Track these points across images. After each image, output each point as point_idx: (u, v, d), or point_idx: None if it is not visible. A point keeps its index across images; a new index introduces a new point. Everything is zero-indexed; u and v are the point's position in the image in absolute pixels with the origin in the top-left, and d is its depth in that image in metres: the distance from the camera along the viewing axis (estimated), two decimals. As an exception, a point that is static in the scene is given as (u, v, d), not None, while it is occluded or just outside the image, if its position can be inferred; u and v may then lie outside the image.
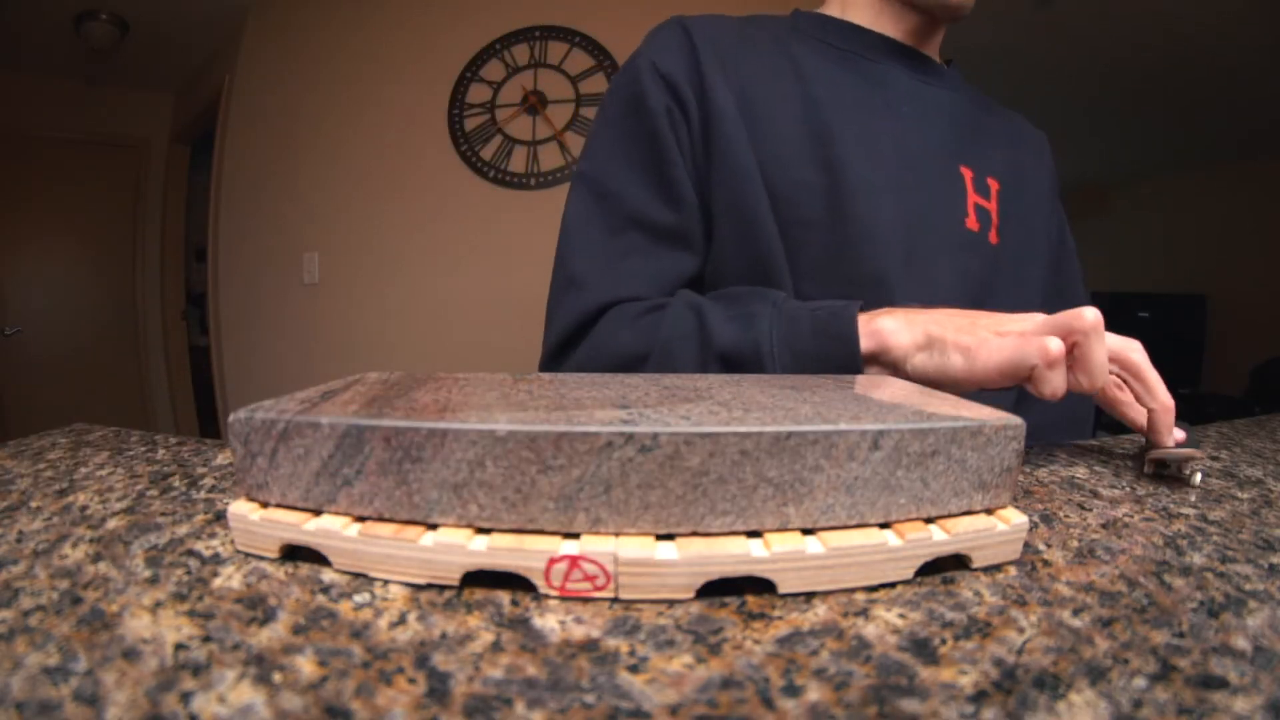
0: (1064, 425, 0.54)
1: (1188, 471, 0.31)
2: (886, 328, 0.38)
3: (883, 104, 0.53)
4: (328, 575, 0.19)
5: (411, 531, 0.19)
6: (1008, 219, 0.55)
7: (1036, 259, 0.59)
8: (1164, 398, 0.34)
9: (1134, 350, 0.34)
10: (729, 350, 0.41)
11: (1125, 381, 0.35)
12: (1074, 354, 0.32)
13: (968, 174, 0.54)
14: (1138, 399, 0.34)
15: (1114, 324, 0.31)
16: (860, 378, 0.30)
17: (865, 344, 0.38)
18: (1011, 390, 0.53)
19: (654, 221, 0.50)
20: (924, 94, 0.55)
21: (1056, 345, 0.31)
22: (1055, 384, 0.31)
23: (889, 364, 0.38)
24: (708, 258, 0.52)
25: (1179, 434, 0.35)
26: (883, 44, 0.55)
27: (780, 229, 0.49)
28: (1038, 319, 0.34)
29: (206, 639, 0.16)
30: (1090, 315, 0.31)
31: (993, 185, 0.55)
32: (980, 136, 0.57)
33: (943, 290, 0.51)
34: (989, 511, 0.21)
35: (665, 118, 0.50)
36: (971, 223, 0.53)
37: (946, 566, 0.20)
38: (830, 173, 0.49)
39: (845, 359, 0.38)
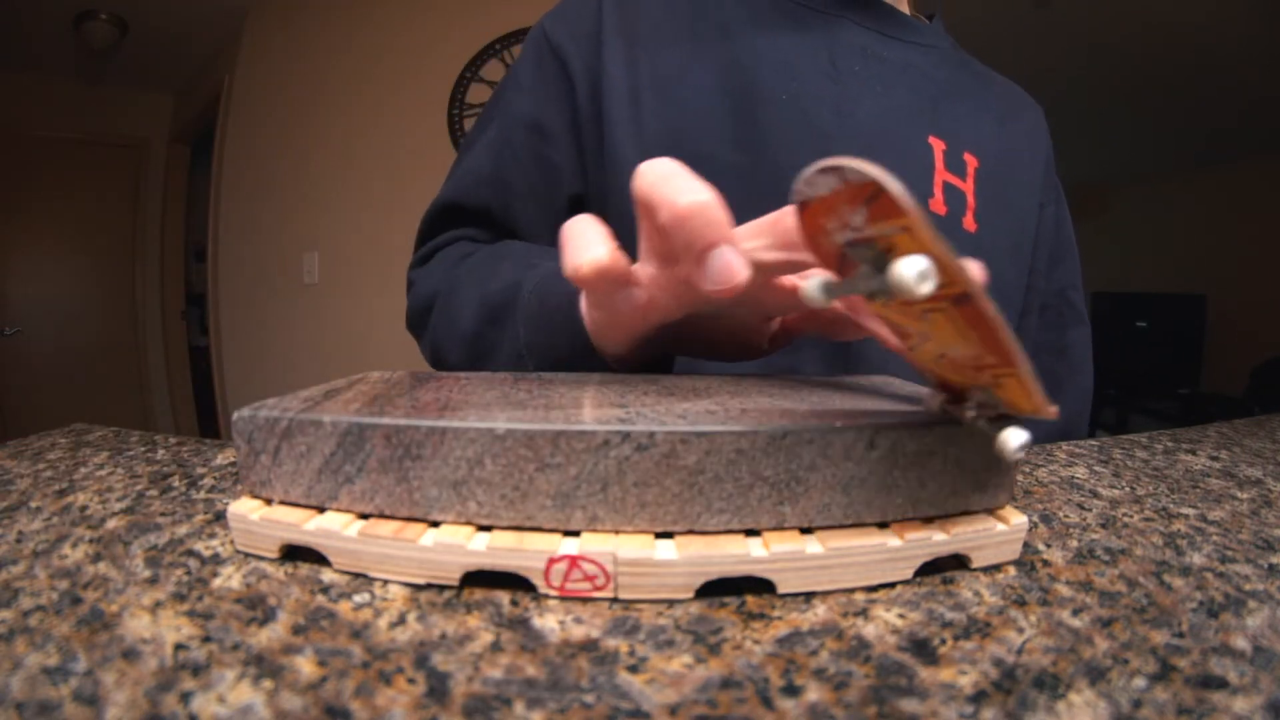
0: (1055, 433, 0.51)
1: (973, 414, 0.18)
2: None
3: (827, 63, 0.45)
4: (327, 575, 0.19)
5: (411, 531, 0.19)
6: (989, 203, 0.47)
7: (1021, 253, 0.51)
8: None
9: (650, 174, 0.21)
10: (494, 292, 0.37)
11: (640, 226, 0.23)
12: (655, 220, 0.21)
13: (938, 146, 0.46)
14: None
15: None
16: (862, 378, 0.30)
17: None
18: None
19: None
20: (884, 51, 0.47)
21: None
22: (573, 246, 0.22)
23: None
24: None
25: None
26: None
27: None
28: None
29: (206, 639, 0.16)
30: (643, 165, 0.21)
31: (970, 162, 0.47)
32: (959, 103, 0.49)
33: None
34: (988, 511, 0.21)
35: (529, 104, 0.47)
36: (938, 204, 0.45)
37: (946, 566, 0.20)
38: (749, 151, 0.42)
39: (573, 307, 0.31)
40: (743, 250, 0.20)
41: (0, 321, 2.71)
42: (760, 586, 0.19)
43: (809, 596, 0.19)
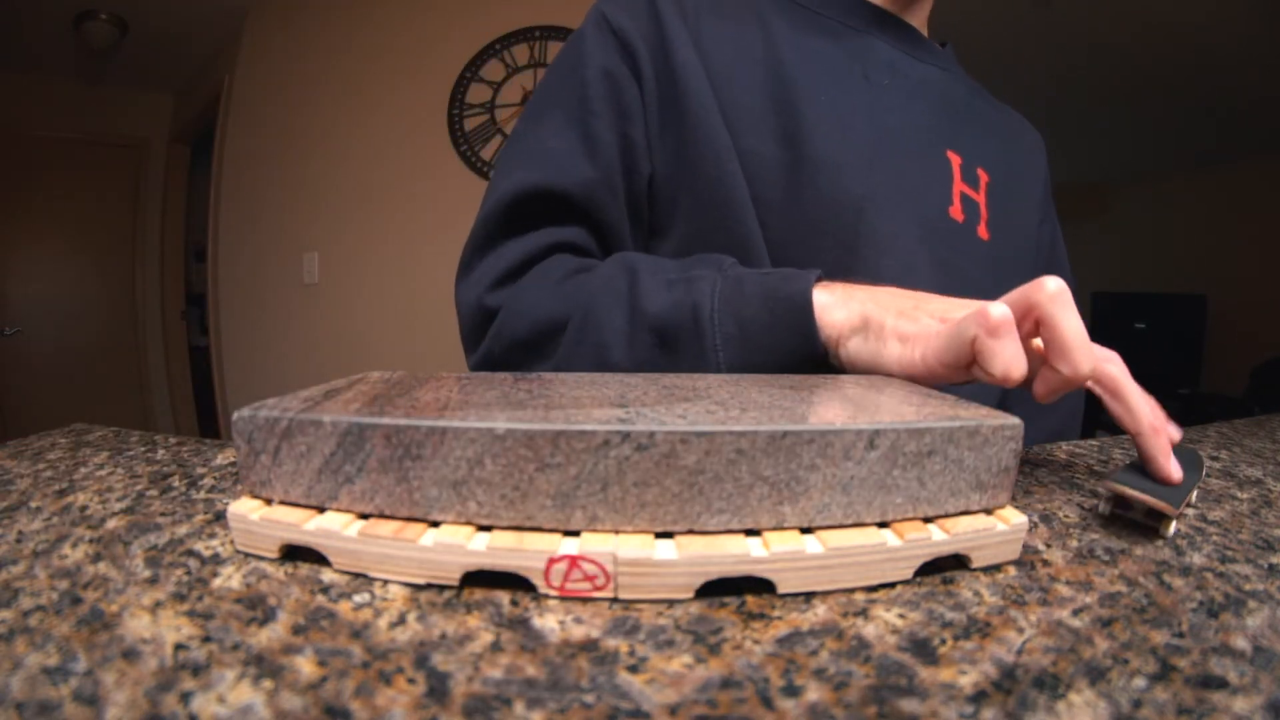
0: (1053, 435, 0.53)
1: (1159, 524, 0.24)
2: (818, 302, 0.33)
3: (860, 75, 0.48)
4: (327, 575, 0.19)
5: (411, 531, 0.19)
6: (998, 215, 0.51)
7: (1025, 262, 0.54)
8: (1150, 418, 0.27)
9: (1109, 362, 0.28)
10: (662, 316, 0.36)
11: (1103, 402, 0.29)
12: (1042, 334, 0.26)
13: (955, 160, 0.50)
14: (1118, 422, 0.28)
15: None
16: (862, 378, 0.30)
17: None
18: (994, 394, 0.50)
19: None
20: (909, 69, 0.51)
21: (999, 310, 0.26)
22: (1004, 357, 0.26)
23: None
24: (634, 238, 0.47)
25: (1174, 467, 0.27)
26: (863, 10, 0.51)
27: None
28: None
29: (206, 639, 0.16)
30: (1051, 284, 0.26)
31: (982, 177, 0.51)
32: (972, 123, 0.53)
33: (919, 285, 0.44)
34: (988, 511, 0.21)
35: (603, 81, 0.46)
36: (956, 212, 0.48)
37: (946, 566, 0.20)
38: (791, 146, 0.45)
39: (798, 328, 0.33)
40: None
41: (0, 321, 2.71)
42: (760, 586, 0.19)
43: (809, 596, 0.19)
